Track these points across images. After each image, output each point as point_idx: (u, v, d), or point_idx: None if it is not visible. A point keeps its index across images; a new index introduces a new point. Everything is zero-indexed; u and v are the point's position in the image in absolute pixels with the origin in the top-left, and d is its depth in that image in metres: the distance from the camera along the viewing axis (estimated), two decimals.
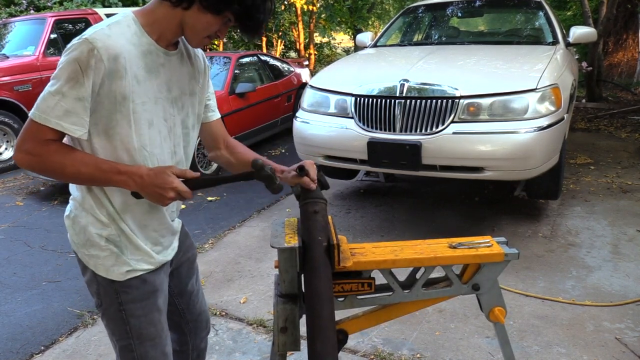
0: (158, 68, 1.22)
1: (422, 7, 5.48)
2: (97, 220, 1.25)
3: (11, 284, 3.10)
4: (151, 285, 1.32)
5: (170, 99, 1.27)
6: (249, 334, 2.49)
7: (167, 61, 1.25)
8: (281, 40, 12.82)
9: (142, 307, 1.31)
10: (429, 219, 3.86)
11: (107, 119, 1.16)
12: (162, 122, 1.26)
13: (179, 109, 1.31)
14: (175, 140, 1.32)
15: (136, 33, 1.18)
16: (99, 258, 1.27)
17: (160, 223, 1.34)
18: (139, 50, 1.18)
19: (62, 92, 1.10)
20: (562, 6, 12.77)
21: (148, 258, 1.31)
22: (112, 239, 1.27)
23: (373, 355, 2.28)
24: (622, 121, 7.29)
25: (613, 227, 3.56)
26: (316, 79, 3.86)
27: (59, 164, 1.13)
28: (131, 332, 1.31)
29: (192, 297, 1.58)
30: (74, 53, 1.10)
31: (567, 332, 2.39)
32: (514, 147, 2.98)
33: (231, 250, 3.47)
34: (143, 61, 1.18)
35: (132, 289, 1.29)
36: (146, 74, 1.19)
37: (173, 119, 1.29)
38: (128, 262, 1.28)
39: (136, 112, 1.18)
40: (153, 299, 1.33)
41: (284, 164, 1.53)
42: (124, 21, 1.18)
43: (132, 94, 1.16)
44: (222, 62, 6.18)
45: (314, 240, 1.16)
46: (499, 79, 3.29)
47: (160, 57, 1.22)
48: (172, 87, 1.27)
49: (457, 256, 1.29)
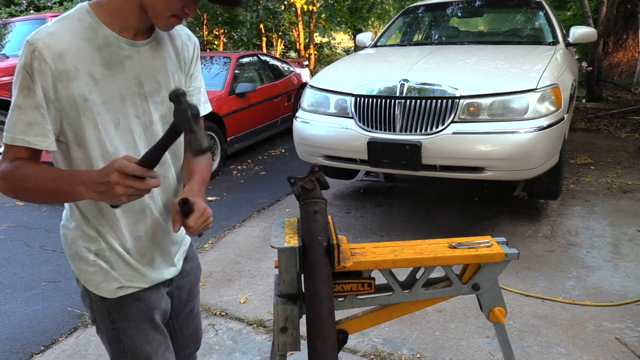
0: (122, 61, 1.10)
1: (422, 7, 5.48)
2: (85, 233, 1.17)
3: (11, 284, 3.10)
4: (146, 303, 1.24)
5: (143, 94, 1.14)
6: (249, 334, 2.49)
7: (134, 53, 1.12)
8: (281, 40, 12.83)
9: (135, 326, 1.22)
10: (429, 219, 3.86)
11: (74, 126, 1.07)
12: (133, 121, 1.14)
13: (156, 104, 1.18)
14: (155, 139, 1.15)
15: (90, 26, 1.06)
16: (88, 273, 1.19)
17: (155, 239, 1.24)
18: (93, 45, 1.06)
19: (18, 105, 1.02)
20: (562, 6, 12.77)
21: (141, 275, 1.22)
22: (101, 253, 1.18)
23: (373, 355, 2.28)
24: (622, 121, 7.29)
25: (613, 227, 3.56)
26: (316, 79, 3.86)
27: (23, 181, 1.03)
28: (125, 351, 1.24)
29: (188, 320, 1.48)
30: (20, 60, 1.02)
31: (567, 332, 2.39)
32: (514, 147, 2.98)
33: (231, 250, 3.47)
34: (100, 56, 1.07)
35: (125, 307, 1.21)
36: (106, 70, 1.08)
37: (149, 116, 1.16)
38: (119, 279, 1.19)
39: (100, 114, 1.08)
40: (148, 317, 1.24)
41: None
42: (75, 15, 1.07)
43: (90, 94, 1.06)
44: (222, 62, 6.18)
45: (314, 240, 1.16)
46: (499, 79, 3.29)
47: (123, 49, 1.10)
48: (144, 80, 1.14)
49: (457, 256, 1.29)
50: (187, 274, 1.42)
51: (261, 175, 5.29)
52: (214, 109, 5.26)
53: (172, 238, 1.30)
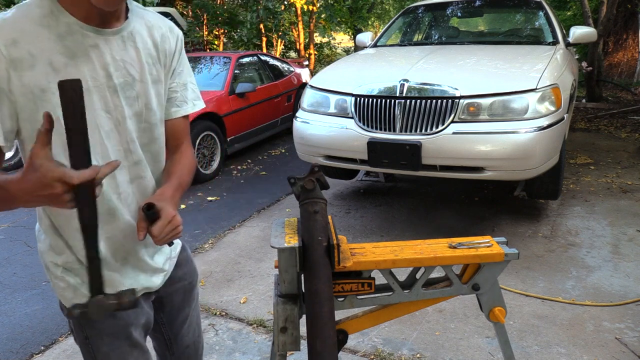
0: (87, 51, 1.00)
1: (422, 7, 5.48)
2: (53, 245, 1.10)
3: (11, 284, 3.10)
4: (122, 319, 1.16)
5: (113, 86, 1.04)
6: (249, 334, 2.49)
7: (101, 41, 1.02)
8: (281, 40, 12.83)
9: (109, 342, 1.15)
10: (429, 219, 3.86)
11: (31, 121, 0.98)
12: (101, 115, 1.04)
13: (129, 99, 1.08)
14: (129, 137, 1.09)
15: (52, 12, 0.97)
16: (59, 288, 1.12)
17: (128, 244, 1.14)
18: (54, 32, 0.97)
19: None
20: (562, 6, 12.78)
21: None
22: (70, 267, 1.10)
23: (373, 355, 2.28)
24: (622, 121, 7.29)
25: (613, 227, 3.56)
26: (316, 79, 3.86)
27: None
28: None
29: (184, 328, 1.39)
30: None
31: (567, 332, 2.39)
32: (514, 147, 2.98)
33: (231, 250, 3.47)
34: (62, 45, 0.98)
35: (98, 323, 1.14)
36: (68, 60, 0.99)
37: (120, 111, 1.07)
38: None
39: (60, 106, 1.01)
40: (124, 333, 1.17)
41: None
42: (34, 1, 0.98)
43: (49, 84, 0.96)
44: (222, 62, 6.19)
45: (314, 240, 1.16)
46: (499, 79, 3.29)
47: (88, 37, 1.00)
48: (113, 72, 1.04)
49: (457, 256, 1.29)
50: (179, 280, 1.34)
51: (261, 175, 5.29)
52: (214, 109, 5.26)
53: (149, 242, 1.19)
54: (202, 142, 5.10)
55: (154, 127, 1.15)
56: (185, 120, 1.26)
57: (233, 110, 5.60)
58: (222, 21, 11.04)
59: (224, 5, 11.76)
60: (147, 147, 1.15)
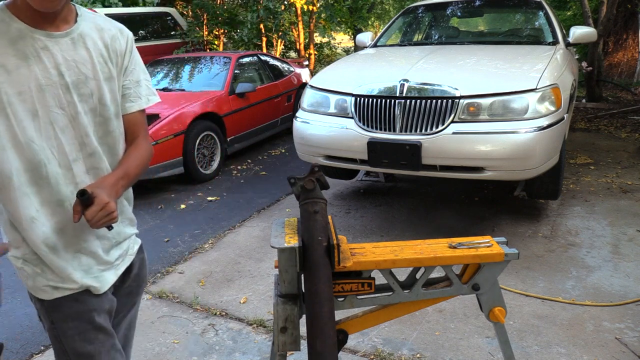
0: (38, 52, 1.10)
1: (422, 7, 5.48)
2: (11, 239, 1.17)
3: (11, 284, 3.09)
4: (85, 304, 1.22)
5: (65, 84, 1.14)
6: (249, 334, 2.49)
7: (51, 44, 1.12)
8: (281, 40, 12.82)
9: (74, 326, 1.21)
10: (429, 219, 3.86)
11: None
12: (55, 112, 1.13)
13: (82, 95, 1.17)
14: (83, 131, 1.18)
15: (3, 20, 1.08)
16: (23, 276, 1.20)
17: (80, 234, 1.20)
18: (5, 38, 1.07)
19: None
20: (562, 6, 12.77)
21: (70, 282, 1.19)
22: (28, 258, 1.18)
23: (373, 355, 2.28)
24: (622, 121, 7.29)
25: (613, 227, 3.56)
26: (316, 79, 3.86)
27: None
28: (66, 351, 1.23)
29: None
30: None
31: (567, 332, 2.39)
32: (514, 147, 2.98)
33: (231, 250, 3.47)
34: (13, 48, 1.08)
35: (63, 308, 1.20)
36: (20, 61, 1.08)
37: (74, 106, 1.16)
38: (48, 283, 1.18)
39: (12, 104, 1.08)
40: (88, 317, 1.22)
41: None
42: None
43: (2, 84, 1.06)
44: (222, 62, 6.19)
45: (314, 240, 1.16)
46: (499, 79, 3.29)
47: (39, 40, 1.10)
48: (65, 71, 1.14)
49: (457, 256, 1.29)
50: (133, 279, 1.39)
51: (261, 175, 5.29)
52: (214, 109, 5.26)
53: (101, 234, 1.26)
54: (202, 142, 5.10)
55: (109, 121, 1.23)
56: (141, 115, 1.34)
57: (233, 110, 5.60)
58: (222, 21, 11.03)
59: (224, 5, 11.76)
60: (103, 140, 1.24)
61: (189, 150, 4.88)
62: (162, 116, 4.75)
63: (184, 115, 4.90)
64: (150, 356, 2.35)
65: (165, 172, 4.70)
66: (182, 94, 5.47)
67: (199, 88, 5.70)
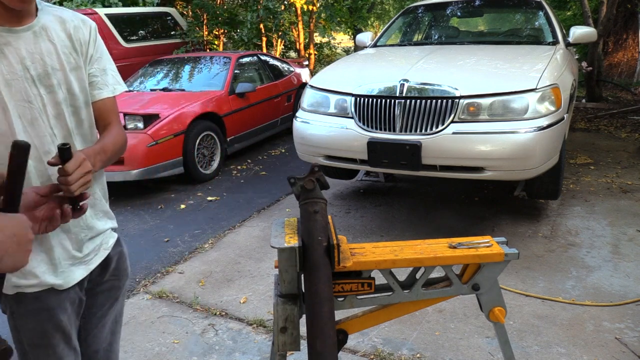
0: (1, 49, 1.12)
1: (422, 7, 5.48)
2: None
3: None
4: (45, 304, 1.23)
5: (30, 78, 1.16)
6: (249, 334, 2.49)
7: (13, 39, 1.13)
8: (281, 40, 12.81)
9: (34, 321, 1.23)
10: (429, 219, 3.86)
11: None
12: (24, 105, 1.15)
13: (49, 87, 1.19)
14: (53, 122, 1.20)
15: None
16: None
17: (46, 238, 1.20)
18: None
19: None
20: (562, 6, 12.77)
21: (31, 276, 1.19)
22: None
23: (373, 355, 2.28)
24: (622, 121, 7.29)
25: (613, 227, 3.56)
26: (316, 79, 3.86)
27: None
28: (22, 342, 1.25)
29: (97, 329, 1.41)
30: None
31: (567, 332, 2.39)
32: (513, 147, 2.98)
33: (231, 250, 3.47)
34: None
35: (24, 304, 1.22)
36: None
37: (41, 99, 1.17)
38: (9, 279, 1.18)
39: None
40: (47, 315, 1.23)
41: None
42: None
43: None
44: (222, 62, 6.19)
45: (314, 240, 1.16)
46: (499, 78, 3.29)
47: (1, 37, 1.12)
48: (30, 65, 1.15)
49: (457, 256, 1.29)
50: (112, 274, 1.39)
51: (261, 175, 5.29)
52: (214, 109, 5.27)
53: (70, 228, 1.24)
54: (202, 142, 5.10)
55: (80, 110, 1.25)
56: (111, 102, 1.35)
57: (233, 110, 5.60)
58: (222, 21, 11.03)
59: (224, 5, 11.76)
60: (76, 130, 1.26)
61: (189, 150, 4.88)
62: (162, 116, 4.75)
63: (184, 115, 4.90)
64: (150, 356, 2.35)
65: (165, 172, 4.70)
66: (182, 94, 5.47)
67: (198, 88, 5.70)
